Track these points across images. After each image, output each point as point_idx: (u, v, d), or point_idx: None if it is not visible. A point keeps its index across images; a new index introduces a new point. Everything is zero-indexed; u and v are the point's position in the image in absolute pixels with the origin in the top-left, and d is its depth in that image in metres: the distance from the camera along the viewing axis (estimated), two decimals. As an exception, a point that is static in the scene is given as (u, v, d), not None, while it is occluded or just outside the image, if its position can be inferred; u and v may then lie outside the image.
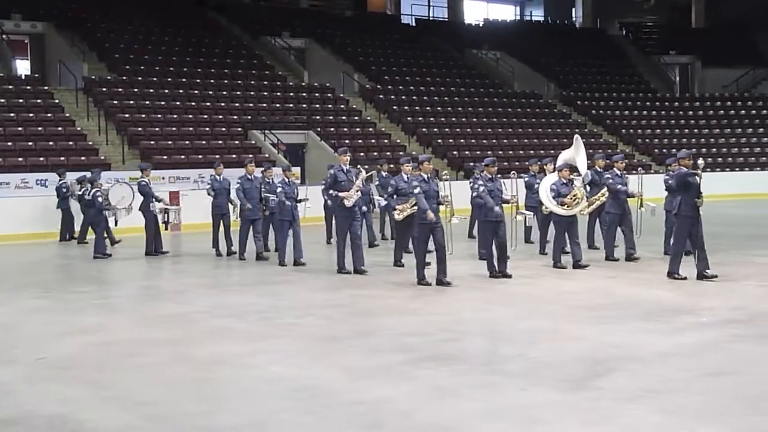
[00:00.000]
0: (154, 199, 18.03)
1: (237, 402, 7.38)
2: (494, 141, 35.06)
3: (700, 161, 13.20)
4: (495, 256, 13.86)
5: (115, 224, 18.60)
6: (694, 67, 47.36)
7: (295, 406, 7.24)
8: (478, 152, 32.02)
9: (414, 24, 47.31)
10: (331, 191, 14.87)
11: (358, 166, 15.98)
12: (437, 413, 7.00)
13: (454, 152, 32.48)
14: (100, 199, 18.05)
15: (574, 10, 52.68)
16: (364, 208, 16.76)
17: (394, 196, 14.58)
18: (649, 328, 9.98)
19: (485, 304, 11.83)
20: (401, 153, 31.01)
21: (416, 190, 13.18)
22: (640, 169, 17.57)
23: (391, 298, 12.39)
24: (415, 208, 13.67)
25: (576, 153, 15.52)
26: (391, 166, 20.70)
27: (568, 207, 14.79)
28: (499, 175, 14.46)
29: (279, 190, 15.79)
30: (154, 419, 7.02)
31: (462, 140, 34.53)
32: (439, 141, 33.66)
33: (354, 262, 14.56)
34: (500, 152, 32.64)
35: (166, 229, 18.75)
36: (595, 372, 8.07)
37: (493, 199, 13.87)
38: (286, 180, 16.05)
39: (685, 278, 12.98)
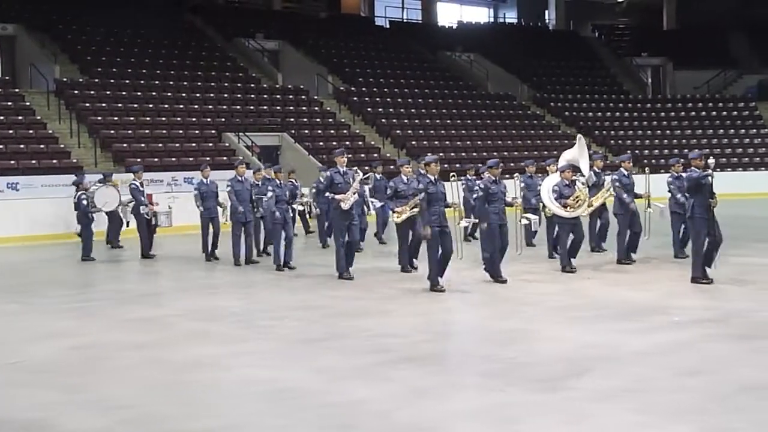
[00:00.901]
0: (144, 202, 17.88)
1: (213, 405, 7.36)
2: (468, 143, 35.12)
3: (711, 160, 12.94)
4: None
5: (126, 225, 18.51)
6: (666, 68, 47.66)
7: (270, 408, 7.23)
8: (452, 154, 32.09)
9: (388, 26, 47.30)
10: (327, 194, 14.46)
11: (355, 168, 15.85)
12: (414, 414, 7.00)
13: (429, 153, 32.48)
14: (84, 202, 17.99)
15: (547, 12, 52.85)
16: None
17: (393, 199, 14.28)
18: (624, 329, 10.03)
19: (462, 306, 11.88)
20: (375, 155, 31.07)
21: (420, 195, 12.73)
22: (647, 168, 17.03)
23: (367, 300, 12.38)
24: (415, 210, 13.49)
25: (579, 153, 15.24)
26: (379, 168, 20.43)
27: (570, 209, 14.42)
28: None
29: (270, 194, 15.49)
30: (129, 423, 6.99)
31: (436, 142, 34.55)
32: (414, 143, 33.68)
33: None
34: (474, 154, 32.69)
35: (154, 232, 18.35)
36: (571, 372, 8.10)
37: (496, 202, 13.51)
38: (278, 182, 15.73)
39: (711, 281, 12.64)
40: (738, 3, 49.71)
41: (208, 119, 30.92)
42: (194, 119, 30.64)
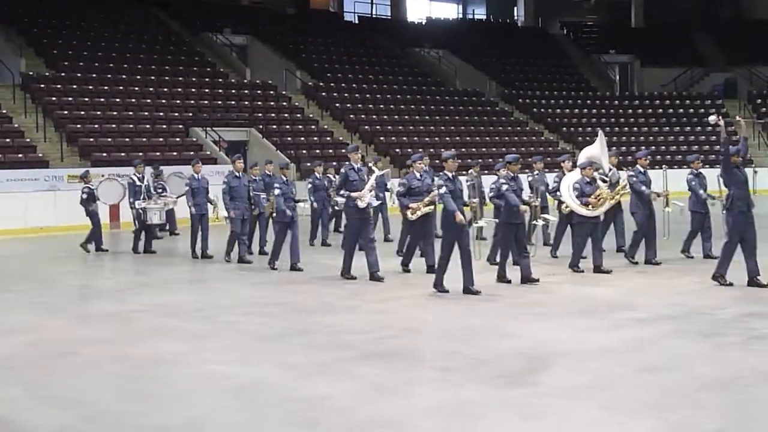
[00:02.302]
0: (142, 197, 17.65)
1: (174, 401, 7.32)
2: (437, 139, 35.15)
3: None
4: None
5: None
6: (634, 66, 47.92)
7: (232, 404, 7.19)
8: (420, 150, 31.94)
9: (356, 21, 47.27)
10: (342, 191, 13.74)
11: (369, 164, 15.57)
12: (376, 410, 6.99)
13: (397, 150, 32.50)
14: (85, 196, 17.92)
15: (515, 9, 53.02)
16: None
17: (406, 196, 13.75)
18: (587, 325, 10.07)
19: (425, 302, 11.84)
20: (343, 150, 31.02)
21: (442, 190, 12.18)
22: (664, 165, 16.35)
23: (331, 296, 12.35)
24: (430, 208, 13.22)
25: (600, 150, 14.90)
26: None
27: (593, 207, 13.85)
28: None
29: (277, 191, 14.83)
30: (89, 419, 6.93)
31: (404, 138, 34.58)
32: (382, 138, 33.67)
33: (369, 267, 13.41)
34: (442, 150, 32.60)
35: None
36: (533, 368, 8.12)
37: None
38: (284, 178, 15.19)
39: (731, 284, 12.11)
40: (705, 2, 50.17)
41: (176, 114, 30.76)
42: (161, 114, 30.46)
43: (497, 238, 14.56)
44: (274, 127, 31.95)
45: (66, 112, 28.54)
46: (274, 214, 15.22)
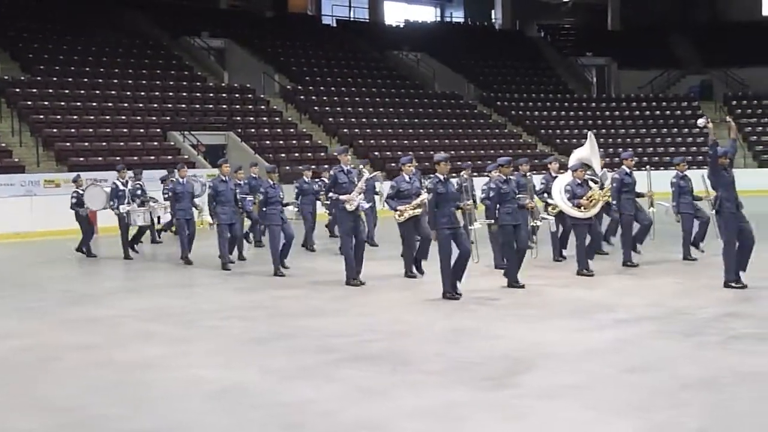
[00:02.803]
0: (126, 201, 17.55)
1: (157, 405, 7.30)
2: (415, 141, 35.18)
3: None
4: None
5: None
6: (611, 68, 48.13)
7: (216, 408, 7.18)
8: (399, 153, 32.00)
9: (335, 25, 47.25)
10: (331, 194, 13.55)
11: (360, 167, 15.43)
12: (360, 413, 7.00)
13: (376, 153, 32.51)
14: (74, 200, 17.89)
15: (493, 12, 53.11)
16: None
17: (395, 198, 13.58)
18: (568, 326, 10.12)
19: (408, 305, 11.85)
20: (322, 154, 31.04)
21: (429, 196, 12.02)
22: (647, 166, 16.15)
23: (314, 299, 12.35)
24: (418, 210, 13.16)
25: (591, 152, 14.88)
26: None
27: (585, 209, 13.87)
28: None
29: (260, 198, 14.77)
30: (72, 424, 6.91)
31: (383, 141, 34.61)
32: (361, 142, 33.68)
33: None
34: (421, 152, 32.65)
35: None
36: (516, 369, 8.15)
37: (508, 202, 12.78)
38: (271, 182, 14.98)
39: (746, 286, 11.93)
40: (681, 4, 50.46)
41: (153, 118, 30.62)
42: (139, 118, 30.33)
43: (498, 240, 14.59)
44: (253, 130, 31.89)
45: (42, 116, 28.34)
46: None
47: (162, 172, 20.95)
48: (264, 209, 14.88)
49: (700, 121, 12.49)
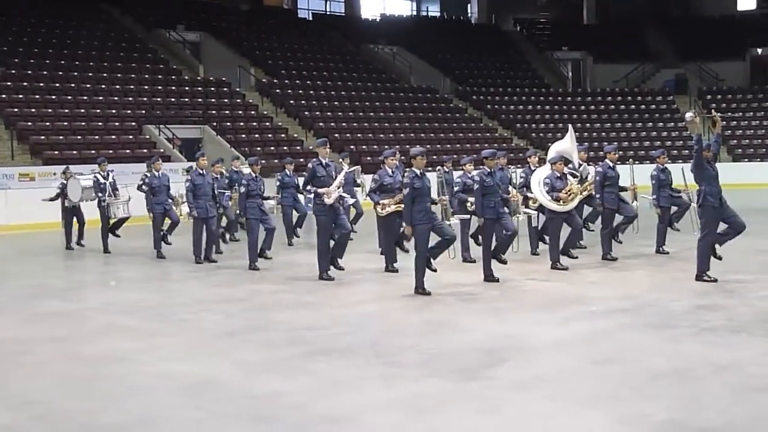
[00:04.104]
0: (107, 194, 17.43)
1: (127, 399, 7.25)
2: (391, 135, 35.20)
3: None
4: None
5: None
6: (586, 62, 48.35)
7: (187, 402, 7.14)
8: (375, 146, 32.11)
9: (311, 18, 47.17)
10: (309, 187, 13.24)
11: (340, 160, 15.31)
12: (332, 406, 6.98)
13: (352, 147, 32.47)
14: (58, 191, 18.02)
15: (469, 6, 53.21)
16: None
17: (378, 192, 13.58)
18: (540, 318, 10.14)
19: (380, 297, 11.86)
20: (298, 148, 30.99)
21: (405, 191, 11.76)
22: (630, 159, 16.07)
23: (286, 293, 12.33)
24: (402, 206, 12.78)
25: (570, 145, 14.81)
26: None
27: (563, 202, 13.83)
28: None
29: (242, 189, 14.56)
30: (41, 418, 6.85)
31: (359, 135, 34.59)
32: (336, 135, 33.62)
33: (332, 251, 13.34)
34: (397, 146, 32.53)
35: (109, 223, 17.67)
36: (488, 362, 8.15)
37: (492, 195, 12.65)
38: (253, 175, 14.72)
39: (716, 280, 11.95)
40: (655, -1, 50.68)
41: (128, 111, 30.50)
42: (114, 111, 30.19)
43: (469, 234, 14.64)
44: (228, 124, 31.81)
45: (17, 109, 28.19)
46: (238, 211, 15.04)
47: (137, 166, 20.81)
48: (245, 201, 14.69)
49: (689, 115, 12.52)
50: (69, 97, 30.06)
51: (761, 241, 15.84)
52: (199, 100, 32.98)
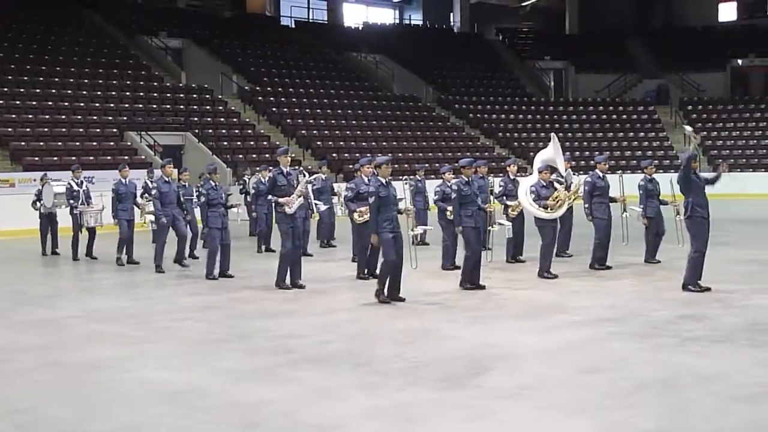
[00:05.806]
0: (81, 201, 17.35)
1: (110, 407, 7.19)
2: (374, 143, 35.21)
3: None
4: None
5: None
6: (568, 72, 48.55)
7: (170, 409, 7.09)
8: (357, 154, 32.00)
9: (293, 26, 47.17)
10: (270, 197, 13.30)
11: (301, 168, 15.34)
12: (316, 414, 6.95)
13: (334, 154, 32.49)
14: (35, 197, 18.14)
15: (452, 15, 53.32)
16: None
17: (354, 200, 13.68)
18: (525, 327, 10.13)
19: (362, 306, 11.81)
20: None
21: (370, 199, 11.88)
22: (620, 171, 16.15)
23: (269, 301, 12.28)
24: None
25: (555, 153, 14.83)
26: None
27: (551, 209, 13.87)
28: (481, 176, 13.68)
29: (202, 198, 14.51)
30: (23, 426, 6.79)
31: (341, 142, 34.58)
32: (319, 143, 33.64)
33: (291, 275, 13.18)
34: (379, 154, 32.70)
35: (80, 231, 17.56)
36: (472, 371, 8.13)
37: (470, 204, 12.72)
38: (213, 184, 14.64)
39: (709, 289, 11.99)
40: (637, 10, 50.94)
41: (110, 118, 30.39)
42: (95, 118, 30.09)
43: (446, 243, 14.66)
44: (210, 131, 31.75)
45: (-3, 116, 28.03)
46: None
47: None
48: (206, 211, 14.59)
49: (688, 129, 12.64)
50: (50, 103, 29.92)
51: (743, 251, 15.92)
52: (181, 106, 32.90)
